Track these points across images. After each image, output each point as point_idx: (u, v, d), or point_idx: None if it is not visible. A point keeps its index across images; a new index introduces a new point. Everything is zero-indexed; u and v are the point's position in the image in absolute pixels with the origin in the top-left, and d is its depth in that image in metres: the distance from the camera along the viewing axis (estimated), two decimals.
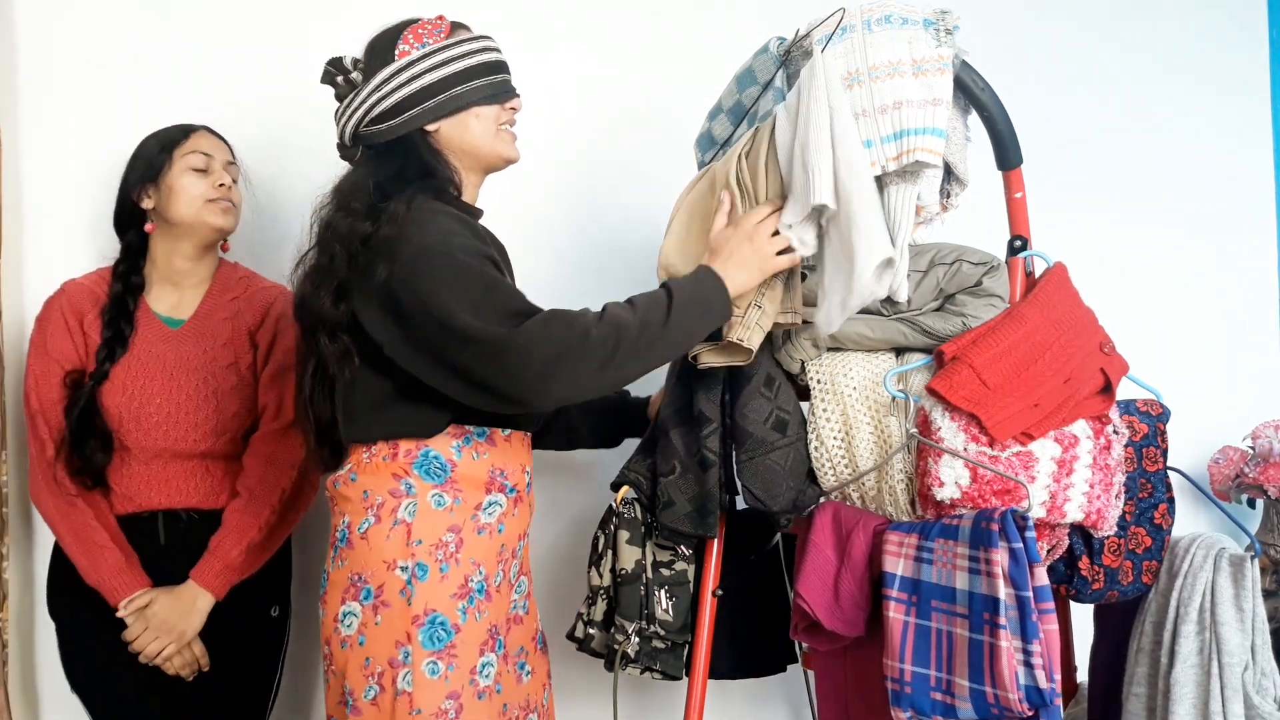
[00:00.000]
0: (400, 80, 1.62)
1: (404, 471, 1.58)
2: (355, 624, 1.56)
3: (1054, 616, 1.45)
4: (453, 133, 1.66)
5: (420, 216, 1.54)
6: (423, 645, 1.53)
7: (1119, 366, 1.69)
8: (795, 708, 2.51)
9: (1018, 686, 1.43)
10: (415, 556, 1.56)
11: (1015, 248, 1.73)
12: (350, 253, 1.53)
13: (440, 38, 1.65)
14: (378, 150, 1.66)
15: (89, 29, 2.16)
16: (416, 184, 1.59)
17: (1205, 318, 2.88)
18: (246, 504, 1.91)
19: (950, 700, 1.51)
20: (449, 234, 1.54)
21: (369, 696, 1.54)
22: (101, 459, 1.85)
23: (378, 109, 1.63)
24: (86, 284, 1.94)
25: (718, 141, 1.86)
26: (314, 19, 2.29)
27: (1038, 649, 1.42)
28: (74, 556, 1.84)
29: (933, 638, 1.53)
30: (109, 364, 1.87)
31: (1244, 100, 2.98)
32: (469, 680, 1.57)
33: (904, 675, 1.55)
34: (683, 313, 1.54)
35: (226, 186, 1.95)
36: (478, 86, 1.65)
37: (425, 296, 1.47)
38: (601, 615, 1.77)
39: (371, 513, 1.58)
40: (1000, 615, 1.44)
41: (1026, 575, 1.44)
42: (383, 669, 1.54)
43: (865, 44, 1.54)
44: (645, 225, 1.91)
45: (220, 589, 1.87)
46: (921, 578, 1.55)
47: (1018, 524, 1.46)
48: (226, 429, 1.92)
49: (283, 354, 1.98)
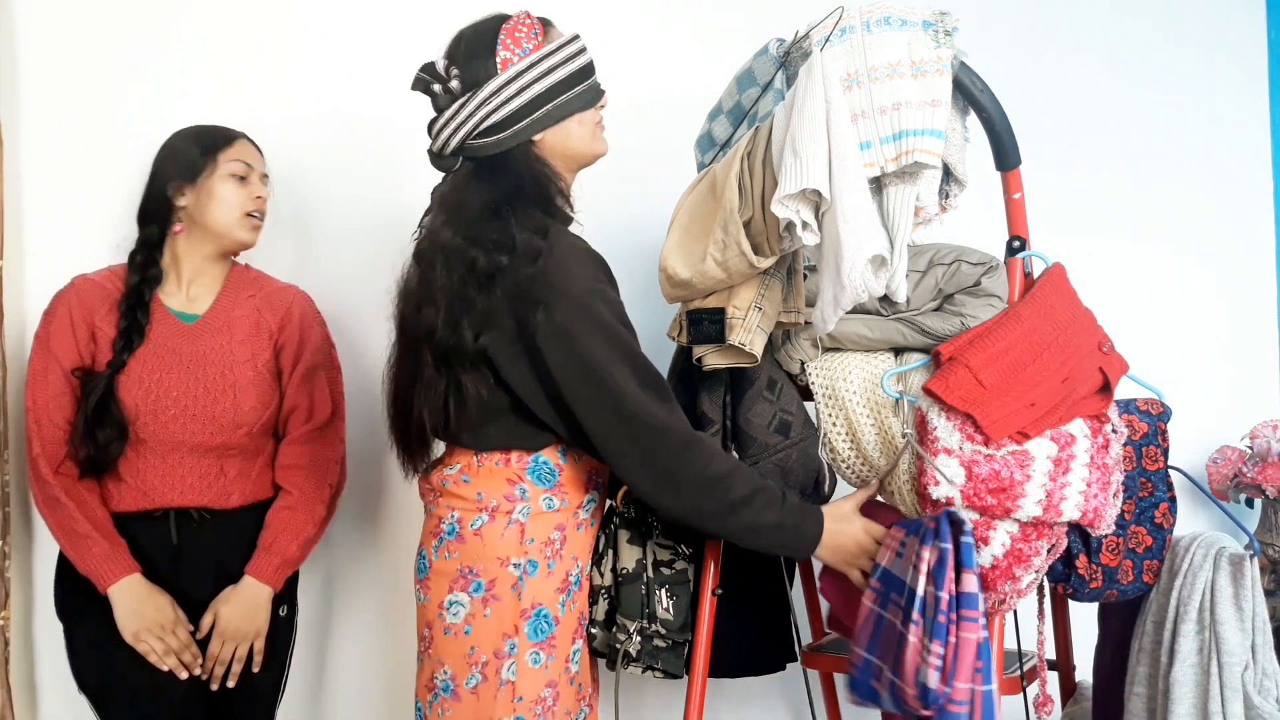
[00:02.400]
0: (509, 93, 1.61)
1: (518, 477, 1.64)
2: (462, 614, 1.63)
3: (976, 626, 1.45)
4: (555, 140, 1.66)
5: (562, 258, 1.56)
6: (528, 637, 1.62)
7: (1118, 366, 1.70)
8: (795, 708, 2.51)
9: (915, 682, 1.46)
10: (528, 554, 1.63)
11: (1014, 248, 1.73)
12: (486, 286, 1.55)
13: (537, 40, 1.64)
14: (482, 164, 1.65)
15: (89, 28, 2.16)
16: (533, 203, 1.61)
17: (1204, 317, 2.89)
18: (299, 502, 1.96)
19: (881, 688, 1.55)
20: (593, 284, 1.57)
21: (470, 685, 1.62)
22: (116, 449, 1.85)
23: (486, 122, 1.62)
24: (98, 280, 1.94)
25: (718, 142, 1.87)
26: (316, 17, 2.30)
27: (937, 650, 1.44)
28: (65, 550, 1.86)
29: (884, 628, 1.56)
30: (126, 354, 1.87)
31: (1244, 100, 2.98)
32: (564, 669, 1.67)
33: (858, 660, 1.59)
34: (776, 520, 1.60)
35: (263, 199, 1.98)
36: (580, 92, 1.65)
37: (584, 351, 1.53)
38: (604, 615, 1.78)
39: (485, 512, 1.64)
40: (915, 609, 1.47)
41: (946, 576, 1.46)
42: (487, 659, 1.61)
43: (864, 45, 1.55)
44: (645, 227, 1.92)
45: (279, 582, 1.92)
46: (893, 570, 1.58)
47: (953, 525, 1.49)
48: (243, 422, 1.93)
49: (311, 355, 2.02)
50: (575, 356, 1.54)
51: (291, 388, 2.00)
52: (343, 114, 2.29)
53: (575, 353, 1.53)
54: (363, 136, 2.29)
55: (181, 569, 1.90)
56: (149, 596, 1.84)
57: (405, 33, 2.31)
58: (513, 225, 1.56)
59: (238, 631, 1.87)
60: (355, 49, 2.30)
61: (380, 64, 2.29)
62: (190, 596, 1.89)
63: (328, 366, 2.06)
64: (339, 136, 2.29)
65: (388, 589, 2.32)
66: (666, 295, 1.75)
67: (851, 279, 1.49)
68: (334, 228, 2.29)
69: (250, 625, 1.89)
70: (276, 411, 2.00)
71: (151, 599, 1.84)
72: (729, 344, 1.65)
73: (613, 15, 2.45)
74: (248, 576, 1.91)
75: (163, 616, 1.83)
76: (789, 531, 1.61)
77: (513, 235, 1.56)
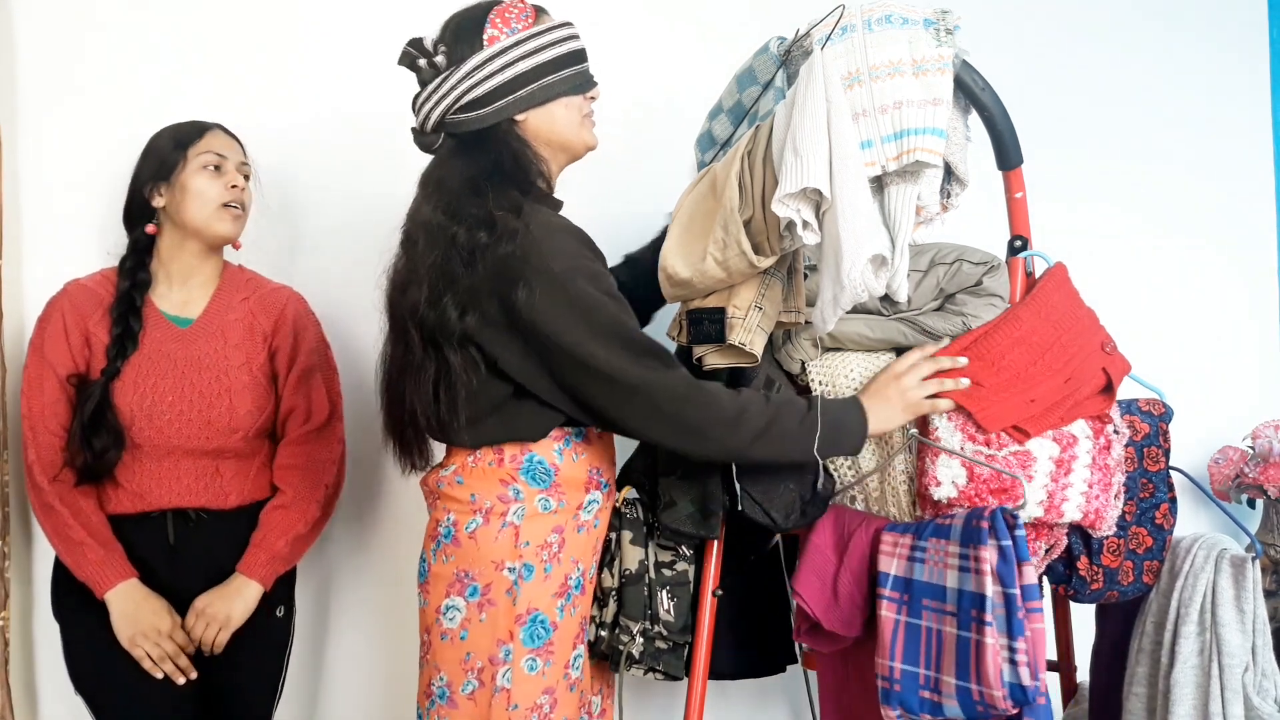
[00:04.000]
0: (492, 68, 1.60)
1: (511, 478, 1.62)
2: (458, 619, 1.61)
3: (1041, 615, 1.45)
4: (540, 123, 1.65)
5: (540, 235, 1.54)
6: (523, 643, 1.59)
7: (1120, 366, 1.69)
8: (795, 708, 2.51)
9: (1002, 684, 1.44)
10: (523, 558, 1.60)
11: (1015, 248, 1.73)
12: (467, 262, 1.53)
13: (528, 23, 1.63)
14: (464, 140, 1.64)
15: (88, 29, 2.16)
16: (511, 181, 1.59)
17: (1205, 317, 2.88)
18: (292, 501, 1.95)
19: (937, 698, 1.52)
20: (574, 260, 1.55)
21: (466, 691, 1.60)
22: (113, 457, 1.85)
23: (468, 96, 1.61)
24: (90, 285, 1.93)
25: (718, 141, 1.86)
26: (315, 17, 2.29)
27: (1022, 646, 1.43)
28: (61, 556, 1.86)
29: (922, 636, 1.54)
30: (120, 361, 1.87)
31: (1244, 100, 2.98)
32: (563, 675, 1.63)
33: (894, 673, 1.56)
34: (816, 426, 1.57)
35: (239, 188, 1.94)
36: (566, 76, 1.64)
37: (563, 337, 1.52)
38: (611, 617, 1.77)
39: (479, 515, 1.62)
40: (987, 612, 1.45)
41: (1014, 573, 1.45)
42: (482, 665, 1.59)
43: (865, 44, 1.54)
44: (645, 226, 1.91)
45: (268, 578, 1.91)
46: (914, 577, 1.55)
47: (1008, 522, 1.47)
48: (239, 426, 1.92)
49: (306, 357, 2.01)
50: (560, 342, 1.52)
51: (288, 390, 1.99)
52: (343, 115, 2.29)
53: (559, 339, 1.52)
54: (362, 137, 2.29)
55: (178, 569, 1.90)
56: (144, 602, 1.83)
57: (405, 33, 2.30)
58: (489, 202, 1.55)
59: (215, 614, 1.86)
60: (355, 49, 2.30)
61: (380, 65, 2.28)
62: (187, 597, 1.89)
63: (323, 367, 2.05)
64: (339, 137, 2.28)
65: (386, 591, 2.31)
66: (666, 294, 1.74)
67: (851, 279, 1.48)
68: (331, 227, 2.28)
69: (225, 608, 1.86)
70: (273, 414, 1.99)
71: (147, 604, 1.83)
72: (729, 344, 1.64)
73: (615, 14, 2.45)
74: (237, 572, 1.90)
75: (158, 622, 1.83)
76: (830, 425, 1.58)
77: (490, 212, 1.54)
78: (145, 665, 1.83)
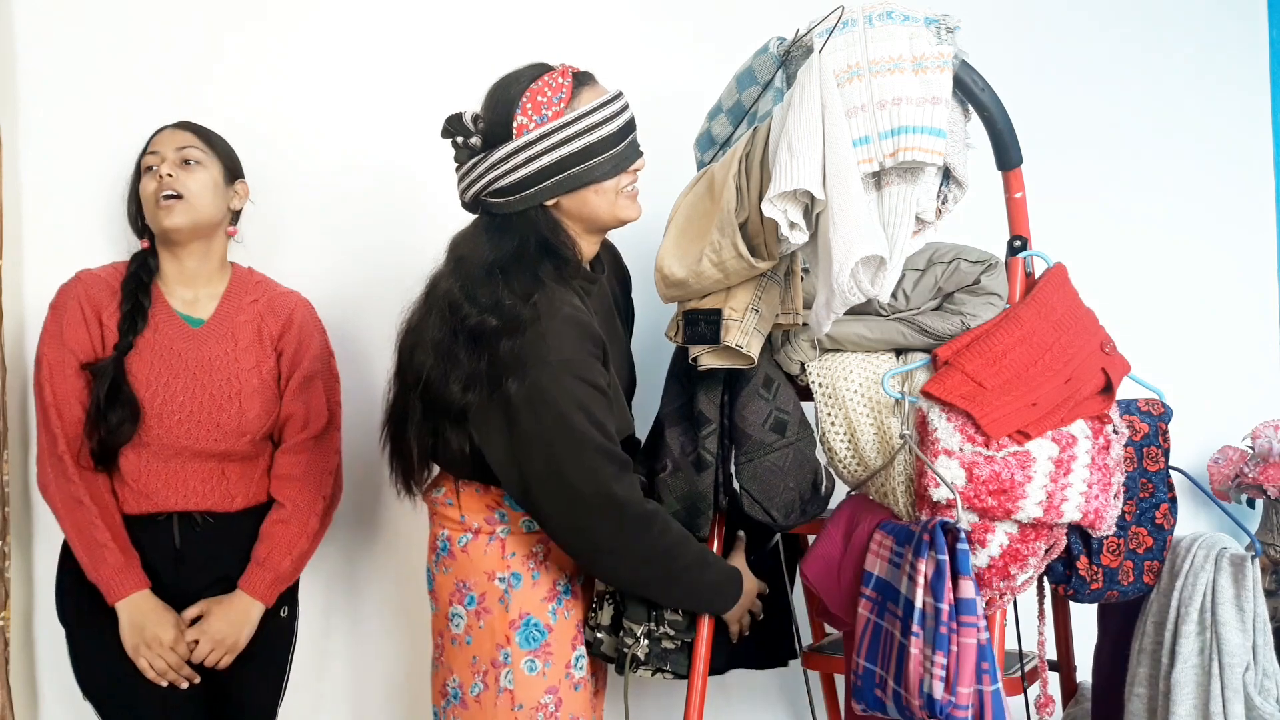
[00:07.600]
0: (517, 161, 1.62)
1: (496, 504, 1.72)
2: (462, 625, 1.73)
3: (974, 631, 1.46)
4: (572, 206, 1.67)
5: (543, 329, 1.58)
6: (520, 646, 1.69)
7: (1120, 366, 1.69)
8: (795, 708, 2.51)
9: (920, 693, 1.47)
10: (510, 568, 1.71)
11: (1015, 248, 1.73)
12: (472, 349, 1.59)
13: (561, 106, 1.62)
14: (496, 220, 1.67)
15: (89, 29, 2.16)
16: (533, 265, 1.62)
17: (1205, 317, 2.88)
18: (291, 515, 1.94)
19: (884, 697, 1.57)
20: (568, 356, 1.59)
21: (475, 692, 1.70)
22: (128, 430, 1.83)
23: (497, 184, 1.64)
24: (103, 275, 1.93)
25: (717, 141, 1.86)
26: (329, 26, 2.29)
27: (940, 660, 1.45)
28: (76, 552, 1.85)
29: (882, 637, 1.58)
30: (132, 335, 1.86)
31: (1244, 100, 2.98)
32: (565, 674, 1.72)
33: (859, 669, 1.61)
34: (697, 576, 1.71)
35: (170, 177, 1.88)
36: (596, 164, 1.64)
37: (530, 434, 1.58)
38: (609, 619, 1.77)
39: (469, 532, 1.74)
40: (914, 622, 1.48)
41: (944, 587, 1.47)
42: (486, 668, 1.70)
43: (866, 38, 1.55)
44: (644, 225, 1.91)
45: (271, 598, 1.92)
46: (889, 580, 1.58)
47: (948, 536, 1.49)
48: (247, 430, 1.92)
49: (309, 363, 2.00)
50: (526, 432, 1.58)
51: (288, 395, 1.98)
52: (343, 114, 2.29)
53: (526, 429, 1.57)
54: (363, 137, 2.29)
55: (183, 571, 1.89)
56: (153, 613, 1.83)
57: (420, 45, 2.31)
58: (503, 290, 1.59)
59: (223, 641, 1.87)
60: (367, 59, 2.29)
61: (394, 77, 2.29)
62: (191, 598, 1.88)
63: (325, 375, 2.04)
64: (339, 136, 2.28)
65: (388, 594, 2.31)
66: (662, 295, 1.75)
67: (840, 282, 1.48)
68: (343, 236, 2.28)
69: (234, 636, 1.88)
70: (278, 418, 1.99)
71: (155, 615, 1.83)
72: (724, 345, 1.64)
73: (615, 13, 2.45)
74: (240, 590, 1.90)
75: (163, 634, 1.83)
76: (707, 589, 1.73)
77: (499, 301, 1.58)
78: (148, 675, 1.83)
